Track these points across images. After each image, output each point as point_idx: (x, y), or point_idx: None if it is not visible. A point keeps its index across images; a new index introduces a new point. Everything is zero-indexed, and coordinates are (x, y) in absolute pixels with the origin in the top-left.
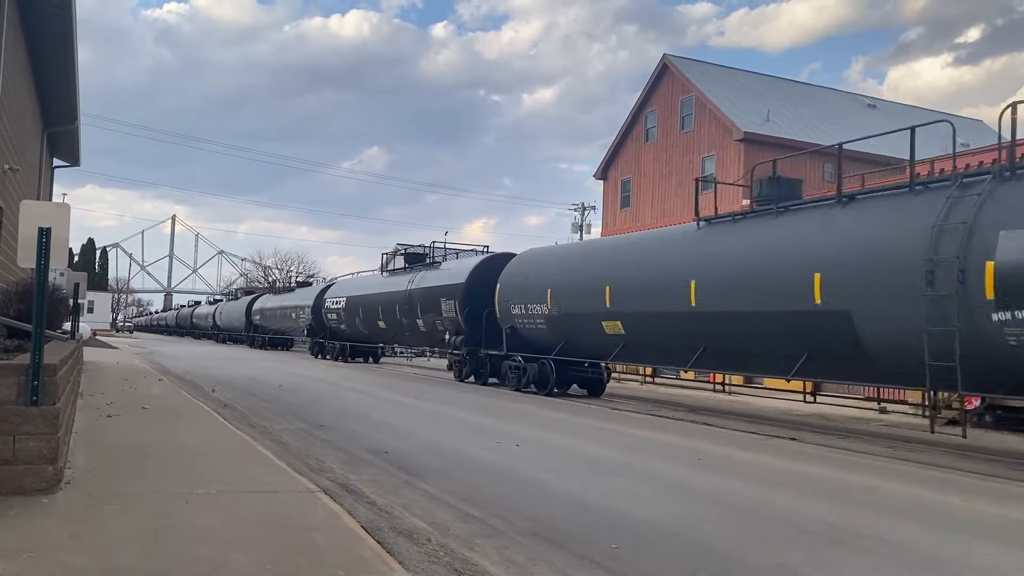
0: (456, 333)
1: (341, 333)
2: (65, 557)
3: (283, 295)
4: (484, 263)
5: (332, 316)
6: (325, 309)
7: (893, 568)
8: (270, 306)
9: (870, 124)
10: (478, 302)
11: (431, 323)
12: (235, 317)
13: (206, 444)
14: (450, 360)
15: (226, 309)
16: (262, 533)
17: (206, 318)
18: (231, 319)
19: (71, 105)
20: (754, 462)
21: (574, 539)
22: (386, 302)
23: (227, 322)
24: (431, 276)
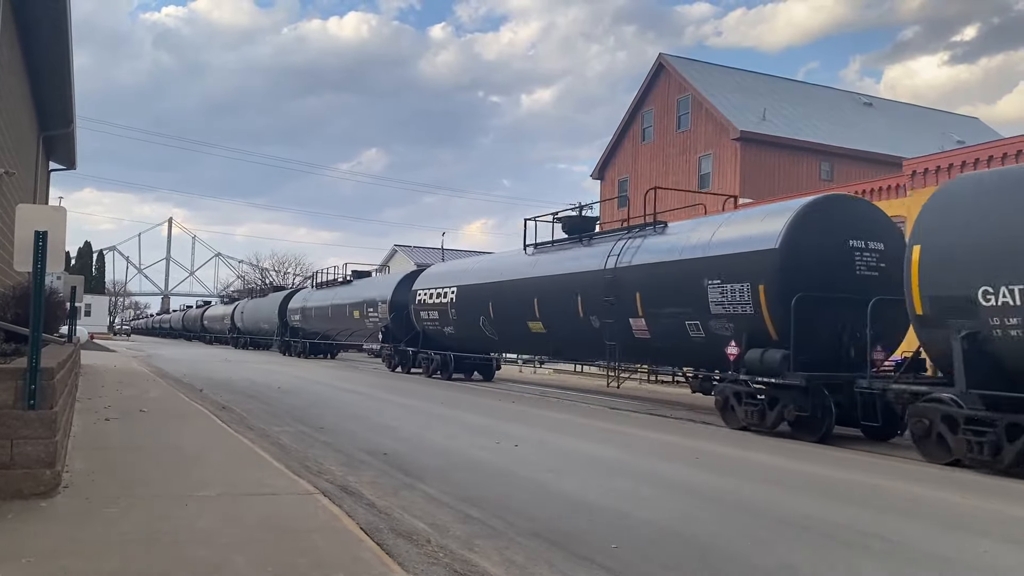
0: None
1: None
2: (64, 561)
3: (333, 289)
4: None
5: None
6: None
7: (896, 567)
8: (315, 303)
9: (867, 122)
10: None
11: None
12: (263, 318)
13: (205, 447)
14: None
15: (250, 308)
16: (262, 535)
17: (222, 320)
18: (257, 320)
19: (67, 108)
20: (744, 457)
21: (574, 539)
22: None
23: (251, 324)
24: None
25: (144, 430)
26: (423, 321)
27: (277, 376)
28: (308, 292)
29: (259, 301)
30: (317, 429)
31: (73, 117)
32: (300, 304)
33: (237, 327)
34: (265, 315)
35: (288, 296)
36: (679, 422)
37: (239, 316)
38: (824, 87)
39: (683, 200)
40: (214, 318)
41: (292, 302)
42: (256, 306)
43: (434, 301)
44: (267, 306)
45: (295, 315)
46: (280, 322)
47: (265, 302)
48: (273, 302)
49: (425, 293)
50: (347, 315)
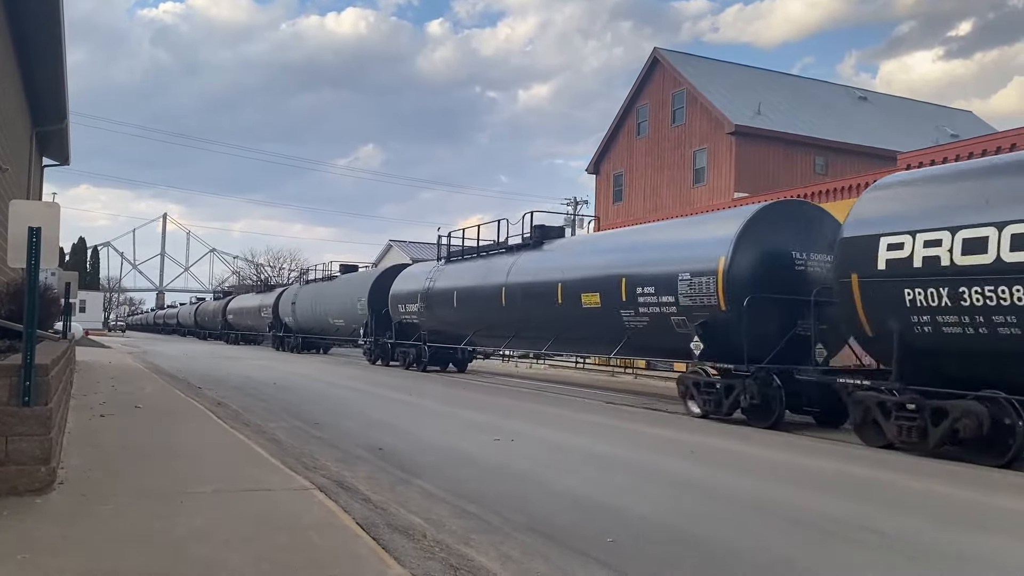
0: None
1: None
2: (60, 559)
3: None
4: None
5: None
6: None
7: (893, 561)
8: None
9: (862, 116)
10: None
11: None
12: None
13: (201, 443)
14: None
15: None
16: (258, 532)
17: (256, 314)
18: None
19: (60, 104)
20: (740, 451)
21: (570, 533)
22: None
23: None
24: None
25: (139, 427)
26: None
27: (270, 371)
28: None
29: (245, 297)
30: (312, 424)
31: (66, 113)
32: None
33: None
34: (256, 312)
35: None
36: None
37: (230, 313)
38: (819, 81)
39: (678, 196)
40: (205, 312)
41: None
42: (245, 303)
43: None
44: (259, 303)
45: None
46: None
47: (256, 299)
48: (266, 299)
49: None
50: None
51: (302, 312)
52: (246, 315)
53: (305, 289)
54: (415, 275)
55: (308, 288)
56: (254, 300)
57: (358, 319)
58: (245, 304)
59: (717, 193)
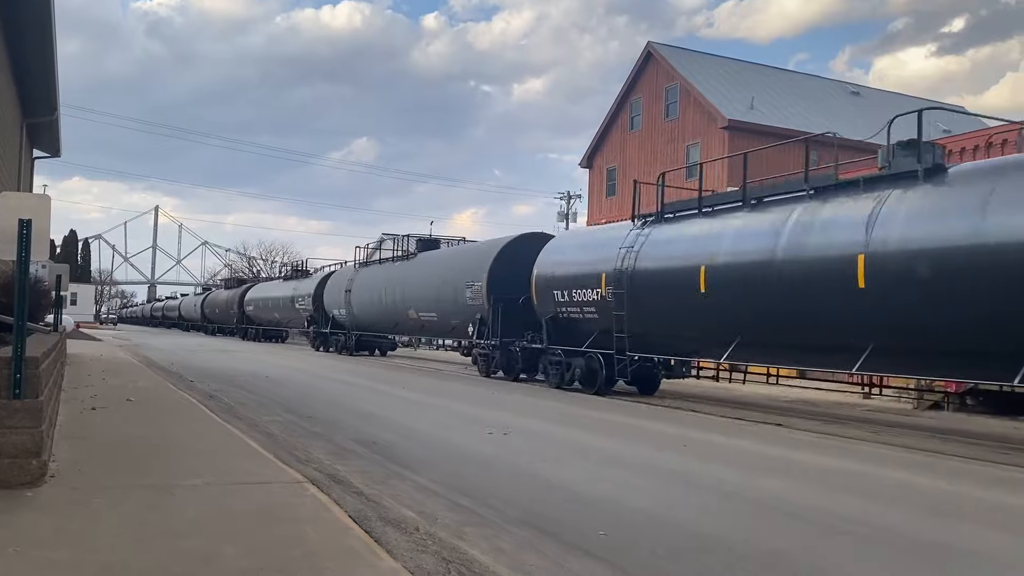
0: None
1: None
2: (51, 551)
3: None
4: None
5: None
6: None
7: (882, 553)
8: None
9: (854, 111)
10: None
11: None
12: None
13: (193, 436)
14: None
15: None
16: (251, 525)
17: (289, 305)
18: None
19: (51, 96)
20: (740, 448)
21: (565, 527)
22: None
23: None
24: None
25: (131, 419)
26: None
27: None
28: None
29: (270, 285)
30: (307, 418)
31: (57, 104)
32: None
33: (206, 315)
34: (225, 305)
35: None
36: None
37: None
38: (812, 76)
39: (670, 190)
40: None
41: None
42: (271, 291)
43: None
44: (291, 292)
45: (250, 305)
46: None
47: (286, 287)
48: (302, 287)
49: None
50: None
51: (362, 303)
52: (272, 307)
53: (366, 273)
54: (589, 245)
55: (370, 272)
56: (283, 288)
57: (463, 312)
58: (271, 293)
59: (709, 187)
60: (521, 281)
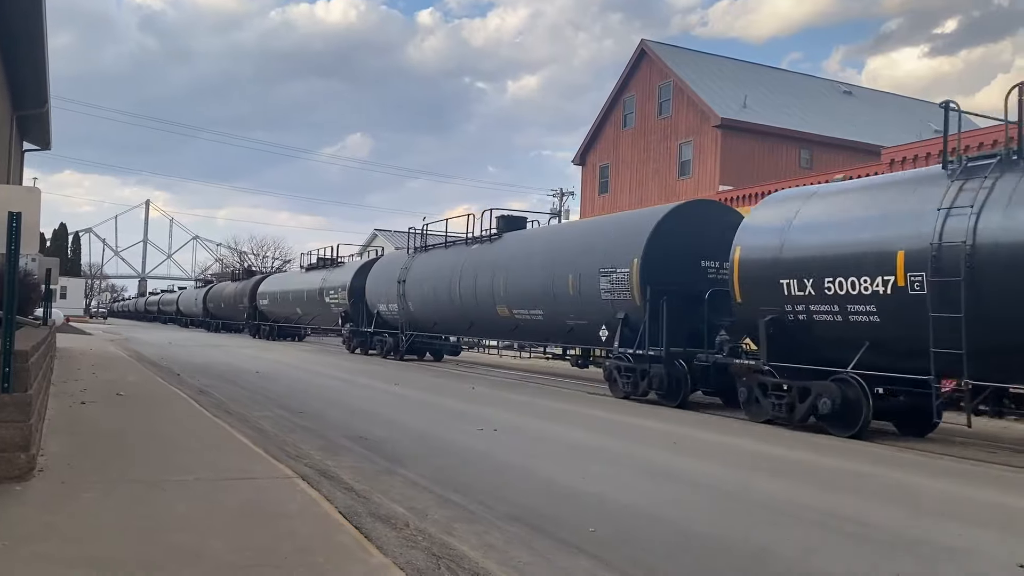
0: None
1: None
2: (40, 546)
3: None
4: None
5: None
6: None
7: (872, 550)
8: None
9: (846, 110)
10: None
11: None
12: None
13: (183, 431)
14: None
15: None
16: (240, 520)
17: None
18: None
19: (41, 88)
20: (731, 445)
21: (555, 523)
22: None
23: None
24: None
25: (121, 414)
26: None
27: (252, 359)
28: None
29: (291, 277)
30: (296, 413)
31: (47, 97)
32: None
33: (209, 310)
34: (233, 299)
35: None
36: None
37: (211, 299)
38: (805, 75)
39: (663, 188)
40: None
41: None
42: (292, 284)
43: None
44: (319, 284)
45: (263, 299)
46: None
47: (313, 279)
48: (332, 278)
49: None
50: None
51: (422, 297)
52: (294, 300)
53: (426, 261)
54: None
55: (432, 259)
56: (307, 280)
57: (593, 309)
58: (291, 285)
59: (702, 186)
60: (690, 267)
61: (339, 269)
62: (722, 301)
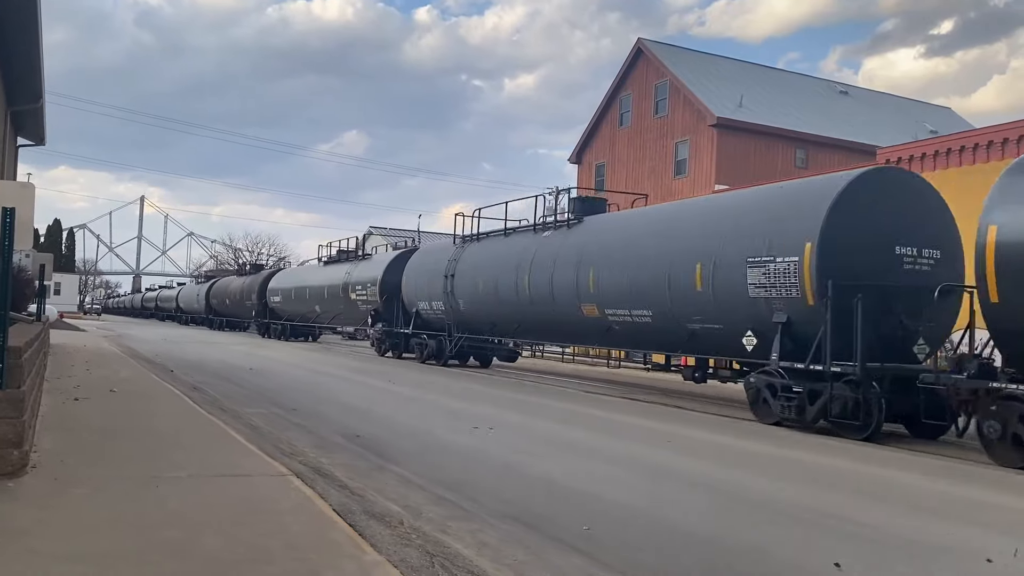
0: None
1: None
2: (32, 542)
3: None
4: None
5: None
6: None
7: (863, 548)
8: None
9: (842, 110)
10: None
11: None
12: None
13: (177, 428)
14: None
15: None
16: (234, 517)
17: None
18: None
19: (36, 83)
20: (723, 443)
21: (548, 521)
22: None
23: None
24: None
25: (114, 411)
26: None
27: (261, 360)
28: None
29: (192, 286)
30: (290, 411)
31: (42, 92)
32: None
33: (212, 307)
34: (240, 295)
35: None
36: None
37: (214, 295)
38: (801, 75)
39: (659, 187)
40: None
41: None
42: (228, 286)
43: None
44: (341, 279)
45: (275, 296)
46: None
47: (240, 282)
48: (358, 272)
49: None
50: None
51: (474, 293)
52: (312, 297)
53: (478, 251)
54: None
55: (486, 249)
56: (328, 274)
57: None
58: (308, 280)
59: (698, 185)
60: (883, 255)
61: (367, 262)
62: (915, 301)
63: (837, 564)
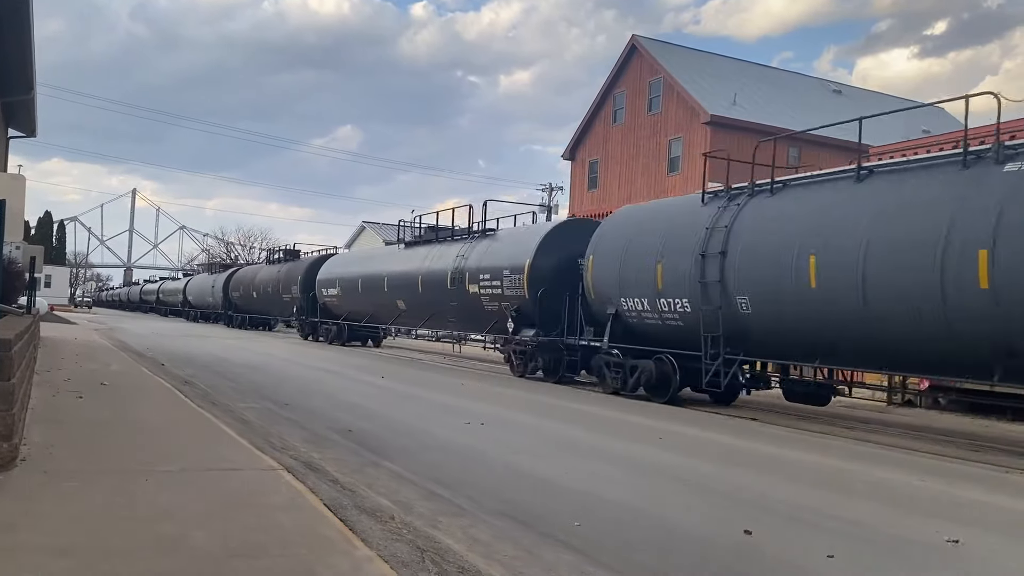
0: None
1: None
2: (21, 535)
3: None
4: None
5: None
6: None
7: (853, 546)
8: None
9: (835, 109)
10: None
11: None
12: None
13: (167, 422)
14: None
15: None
16: (224, 511)
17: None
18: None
19: (27, 74)
20: (718, 442)
21: (540, 519)
22: None
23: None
24: None
25: (105, 404)
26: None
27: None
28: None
29: (203, 277)
30: (282, 405)
31: (33, 83)
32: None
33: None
34: (208, 291)
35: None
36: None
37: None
38: (794, 73)
39: (652, 184)
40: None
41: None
42: (257, 275)
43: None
44: (212, 283)
45: (329, 288)
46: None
47: (270, 272)
48: (218, 280)
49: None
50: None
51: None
52: (393, 290)
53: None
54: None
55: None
56: (423, 259)
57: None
58: (386, 267)
59: (691, 182)
60: None
61: (495, 241)
62: None
63: (830, 555)
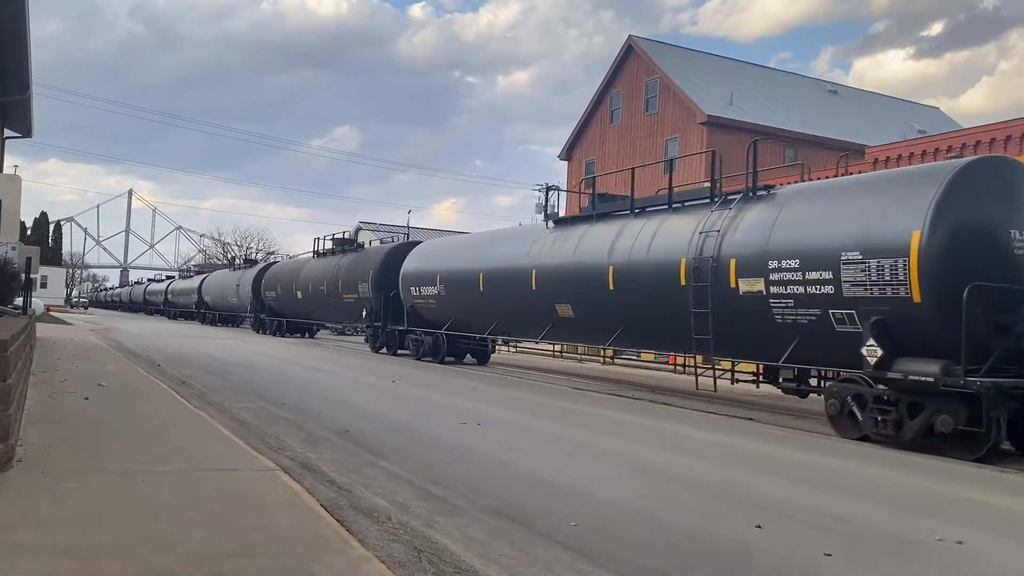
0: None
1: None
2: (18, 535)
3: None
4: None
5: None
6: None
7: (848, 544)
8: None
9: (832, 109)
10: None
11: None
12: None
13: (164, 422)
14: None
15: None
16: (221, 511)
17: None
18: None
19: (23, 74)
20: (712, 440)
21: (536, 518)
22: None
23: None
24: None
25: (101, 404)
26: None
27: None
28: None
29: (225, 275)
30: (279, 405)
31: (29, 83)
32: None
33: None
34: (232, 290)
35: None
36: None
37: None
38: (791, 74)
39: (649, 184)
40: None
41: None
42: (223, 280)
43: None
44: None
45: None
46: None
47: (233, 277)
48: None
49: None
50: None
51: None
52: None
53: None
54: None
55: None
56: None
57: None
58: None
59: (690, 182)
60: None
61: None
62: None
63: (827, 554)
